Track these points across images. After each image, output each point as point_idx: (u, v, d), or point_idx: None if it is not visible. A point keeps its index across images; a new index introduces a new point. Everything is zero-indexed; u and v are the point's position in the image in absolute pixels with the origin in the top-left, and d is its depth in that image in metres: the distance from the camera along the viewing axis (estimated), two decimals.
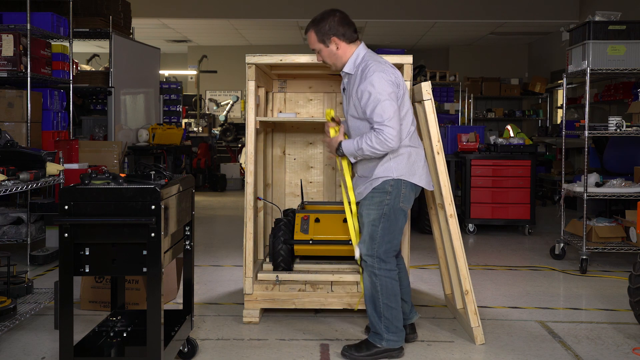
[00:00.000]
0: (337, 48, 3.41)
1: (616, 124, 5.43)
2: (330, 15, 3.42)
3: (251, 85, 3.93)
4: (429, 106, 3.71)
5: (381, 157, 3.38)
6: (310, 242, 4.09)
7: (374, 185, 3.39)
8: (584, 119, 5.56)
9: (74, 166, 5.80)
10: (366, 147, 3.29)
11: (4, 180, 3.65)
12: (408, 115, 3.45)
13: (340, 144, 3.45)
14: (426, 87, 3.71)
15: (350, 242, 4.12)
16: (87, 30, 7.92)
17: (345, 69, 3.45)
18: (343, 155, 3.47)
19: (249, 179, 3.95)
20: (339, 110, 4.71)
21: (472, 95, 12.91)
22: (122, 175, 2.87)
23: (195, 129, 13.58)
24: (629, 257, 5.97)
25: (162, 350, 2.72)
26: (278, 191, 4.88)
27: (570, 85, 10.80)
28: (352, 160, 3.45)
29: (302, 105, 4.78)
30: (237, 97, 13.81)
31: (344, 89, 3.55)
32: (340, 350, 3.45)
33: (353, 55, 3.42)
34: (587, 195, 5.53)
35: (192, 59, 14.94)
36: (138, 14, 9.86)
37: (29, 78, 5.88)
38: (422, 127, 3.90)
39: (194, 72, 14.13)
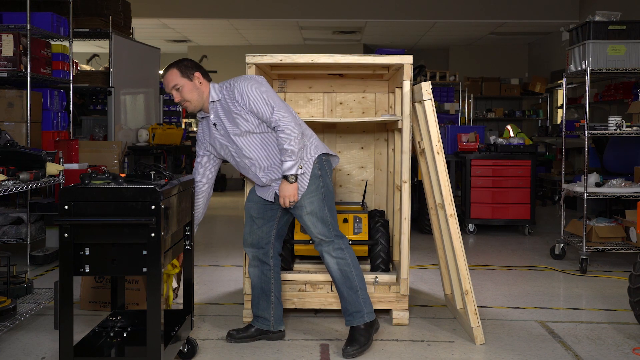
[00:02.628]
0: (200, 83, 3.50)
1: (616, 124, 5.43)
2: (185, 59, 3.59)
3: None
4: (429, 106, 3.71)
5: (300, 146, 3.42)
6: (311, 242, 4.09)
7: (309, 170, 3.47)
8: (584, 119, 5.56)
9: (74, 166, 5.80)
10: (291, 147, 3.34)
11: (4, 180, 3.65)
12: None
13: (284, 177, 3.39)
14: (426, 87, 3.71)
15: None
16: (87, 30, 7.91)
17: (212, 98, 3.51)
18: (295, 179, 3.39)
19: None
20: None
21: (472, 95, 12.91)
22: (122, 175, 2.87)
23: (195, 129, 13.57)
24: (629, 257, 5.97)
25: (162, 350, 2.72)
26: None
27: (570, 85, 10.80)
28: (301, 172, 3.41)
29: (302, 105, 4.78)
30: None
31: (214, 124, 3.54)
32: (342, 355, 3.43)
33: (211, 87, 3.53)
34: (587, 195, 5.53)
35: (192, 59, 14.91)
36: (138, 14, 9.86)
37: (29, 78, 5.87)
38: (422, 127, 3.90)
39: None
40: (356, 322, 3.52)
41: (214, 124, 3.55)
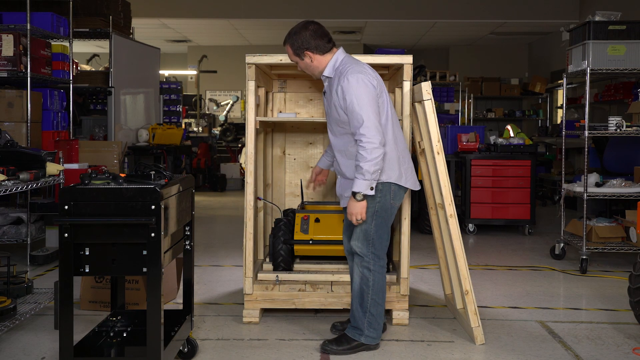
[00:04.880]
0: (312, 60, 3.47)
1: (616, 124, 5.43)
2: (303, 29, 3.44)
3: (251, 85, 3.93)
4: (429, 106, 3.71)
5: (378, 168, 3.34)
6: (310, 242, 4.09)
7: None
8: (584, 119, 5.56)
9: (74, 166, 5.80)
10: (366, 166, 3.25)
11: (4, 180, 3.65)
12: (389, 120, 3.44)
13: (352, 193, 3.32)
14: (426, 87, 3.71)
15: None
16: (87, 30, 7.92)
17: (325, 73, 3.49)
18: (363, 198, 3.31)
19: (249, 179, 3.95)
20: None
21: (472, 95, 12.92)
22: (122, 175, 2.87)
23: (195, 129, 13.58)
24: (629, 257, 5.97)
25: (162, 350, 2.72)
26: (278, 191, 4.88)
27: (570, 85, 10.80)
28: (371, 193, 3.32)
29: (302, 105, 4.78)
30: (237, 97, 13.81)
31: (324, 92, 3.59)
32: (320, 345, 3.52)
33: (332, 60, 3.47)
34: (587, 195, 5.53)
35: (192, 59, 14.93)
36: (138, 14, 9.86)
37: (29, 78, 5.87)
38: (422, 127, 3.91)
39: (194, 72, 14.12)
40: (351, 335, 3.52)
41: (324, 92, 3.58)
